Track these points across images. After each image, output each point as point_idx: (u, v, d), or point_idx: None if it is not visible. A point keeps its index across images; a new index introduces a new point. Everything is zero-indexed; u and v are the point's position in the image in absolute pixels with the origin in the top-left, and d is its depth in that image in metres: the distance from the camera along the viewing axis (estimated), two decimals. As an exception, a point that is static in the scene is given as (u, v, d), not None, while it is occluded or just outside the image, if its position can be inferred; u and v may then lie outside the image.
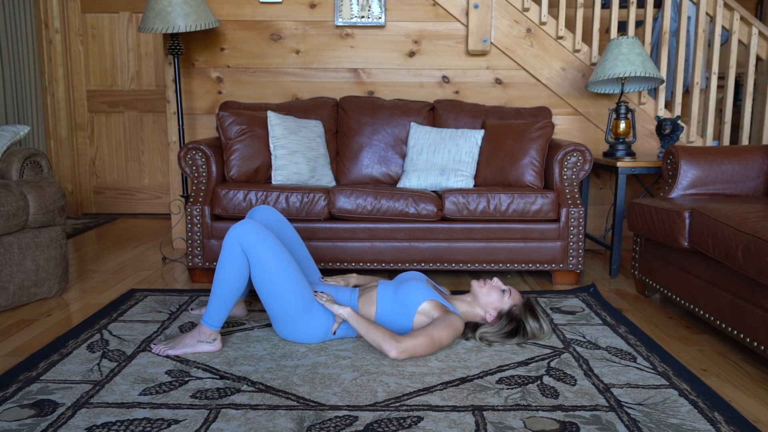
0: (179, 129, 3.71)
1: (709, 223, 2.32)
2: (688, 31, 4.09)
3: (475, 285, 2.36)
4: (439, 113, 3.66)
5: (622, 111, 3.47)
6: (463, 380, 2.01)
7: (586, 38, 4.30)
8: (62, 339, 2.34)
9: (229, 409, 1.81)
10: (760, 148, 2.96)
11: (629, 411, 1.82)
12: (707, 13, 3.76)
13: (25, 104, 4.54)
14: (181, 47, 3.62)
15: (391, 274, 3.32)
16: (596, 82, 3.55)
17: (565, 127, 3.94)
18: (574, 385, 1.99)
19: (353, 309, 2.24)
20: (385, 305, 2.28)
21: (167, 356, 2.19)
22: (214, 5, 3.83)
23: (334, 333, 2.28)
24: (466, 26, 3.84)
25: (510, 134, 3.35)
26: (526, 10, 3.79)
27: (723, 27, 3.83)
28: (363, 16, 3.83)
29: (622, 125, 3.48)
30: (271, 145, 3.32)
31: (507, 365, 2.14)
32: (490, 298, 2.33)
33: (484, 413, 1.79)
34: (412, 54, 3.90)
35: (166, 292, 2.98)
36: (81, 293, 3.01)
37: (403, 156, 3.59)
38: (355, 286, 2.65)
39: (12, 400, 1.85)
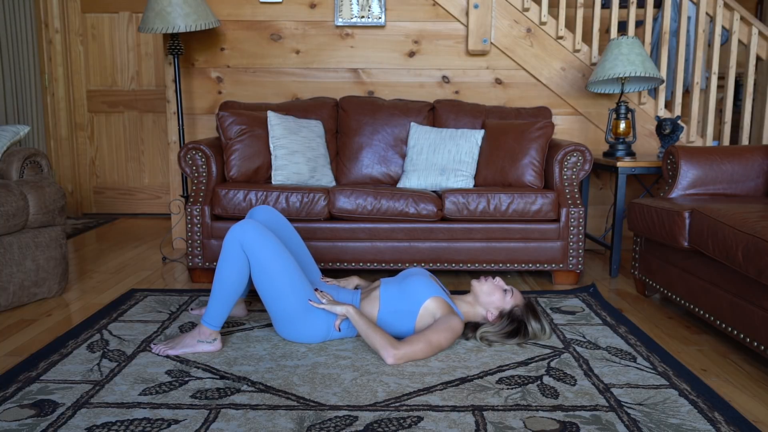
0: (179, 129, 3.71)
1: (709, 223, 2.32)
2: (688, 31, 4.09)
3: (476, 284, 2.36)
4: (439, 113, 3.66)
5: (622, 111, 3.47)
6: (463, 380, 2.01)
7: (586, 38, 4.30)
8: (62, 339, 2.34)
9: (229, 409, 1.81)
10: (760, 148, 2.96)
11: (629, 411, 1.82)
12: (707, 13, 3.76)
13: (25, 104, 4.54)
14: (181, 47, 3.62)
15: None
16: (596, 82, 3.55)
17: (565, 127, 3.94)
18: (574, 385, 1.99)
19: (355, 306, 2.24)
20: (389, 302, 2.28)
21: (167, 356, 2.19)
22: (214, 5, 3.83)
23: (339, 329, 2.28)
24: (466, 26, 3.84)
25: (510, 134, 3.35)
26: (526, 10, 3.79)
27: (723, 27, 3.83)
28: (363, 16, 3.83)
29: (622, 125, 3.48)
30: (271, 145, 3.32)
31: (507, 365, 2.14)
32: (492, 298, 2.33)
33: (484, 413, 1.79)
34: (412, 54, 3.90)
35: (166, 292, 2.98)
36: (81, 293, 3.01)
37: (403, 156, 3.59)
38: (357, 287, 2.65)
39: (12, 400, 1.85)
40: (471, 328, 2.36)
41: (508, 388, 1.96)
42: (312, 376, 2.03)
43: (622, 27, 4.56)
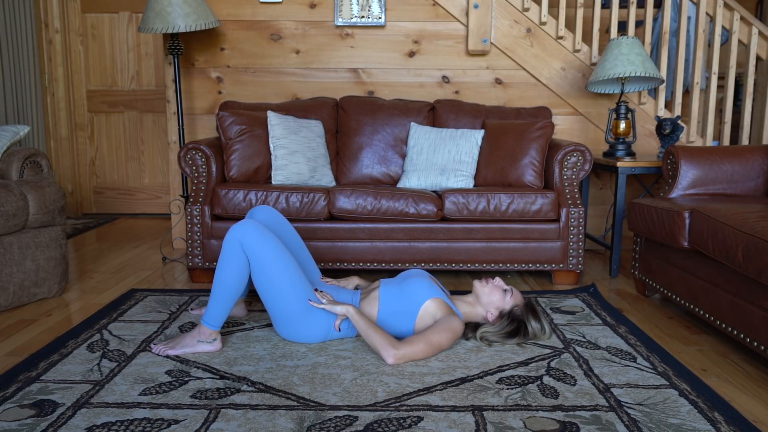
0: (179, 129, 3.71)
1: (709, 223, 2.32)
2: (688, 31, 4.09)
3: (478, 285, 2.36)
4: (439, 113, 3.66)
5: (622, 111, 3.47)
6: (463, 380, 2.01)
7: (586, 38, 4.30)
8: (62, 339, 2.34)
9: (229, 409, 1.81)
10: (760, 148, 2.96)
11: (629, 411, 1.82)
12: (707, 13, 3.76)
13: (25, 104, 4.54)
14: (181, 47, 3.62)
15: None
16: (596, 82, 3.55)
17: (565, 127, 3.94)
18: (574, 385, 1.99)
19: (355, 306, 2.24)
20: (388, 303, 2.28)
21: (167, 356, 2.19)
22: (214, 5, 3.83)
23: (339, 329, 2.28)
24: (466, 26, 3.84)
25: (510, 134, 3.35)
26: (526, 10, 3.79)
27: (723, 27, 3.83)
28: (363, 16, 3.83)
29: (622, 125, 3.48)
30: (271, 145, 3.32)
31: (507, 365, 2.14)
32: (492, 298, 2.33)
33: (484, 413, 1.79)
34: (412, 54, 3.90)
35: (166, 292, 2.98)
36: (81, 293, 3.01)
37: (403, 156, 3.59)
38: (356, 288, 2.65)
39: (12, 400, 1.85)
40: (471, 328, 2.36)
41: (508, 388, 1.96)
42: (312, 376, 2.03)
43: (622, 27, 4.56)
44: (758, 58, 3.84)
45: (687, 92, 4.34)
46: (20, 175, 2.88)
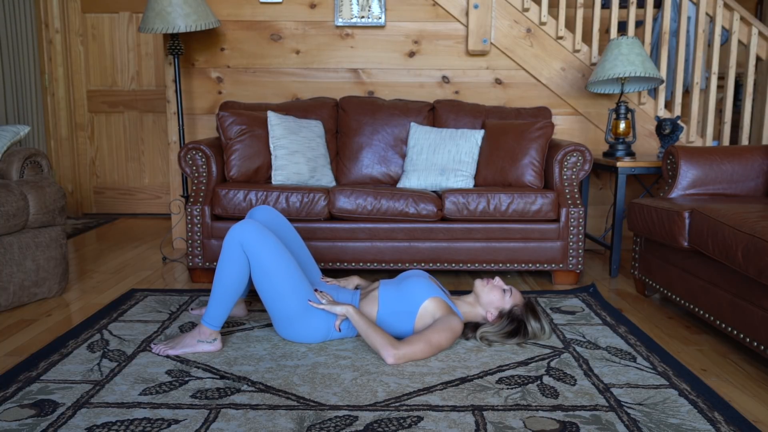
0: (179, 129, 3.71)
1: (709, 223, 2.32)
2: (688, 31, 4.09)
3: (479, 283, 2.36)
4: (439, 113, 3.66)
5: (622, 111, 3.47)
6: (463, 380, 2.01)
7: (586, 38, 4.30)
8: (62, 339, 2.34)
9: (229, 409, 1.81)
10: (760, 148, 2.96)
11: (629, 411, 1.82)
12: (707, 13, 3.76)
13: (25, 104, 4.54)
14: (181, 47, 3.62)
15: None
16: (596, 82, 3.55)
17: (565, 127, 3.94)
18: (574, 385, 1.99)
19: (355, 307, 2.24)
20: (387, 303, 2.28)
21: (167, 356, 2.19)
22: (214, 5, 3.83)
23: (339, 329, 2.28)
24: (466, 26, 3.84)
25: (510, 134, 3.35)
26: (526, 10, 3.79)
27: (723, 27, 3.83)
28: (363, 16, 3.83)
29: (622, 125, 3.48)
30: (271, 145, 3.32)
31: (507, 365, 2.15)
32: (491, 297, 2.33)
33: (484, 413, 1.79)
34: (412, 54, 3.90)
35: (166, 292, 2.98)
36: (81, 293, 3.01)
37: (403, 156, 3.60)
38: (357, 287, 2.65)
39: (12, 400, 1.86)
40: (471, 328, 2.36)
41: (508, 388, 1.96)
42: (312, 376, 2.03)
43: (622, 27, 4.56)
44: (758, 58, 3.84)
45: (687, 92, 4.34)
46: (20, 175, 2.88)
